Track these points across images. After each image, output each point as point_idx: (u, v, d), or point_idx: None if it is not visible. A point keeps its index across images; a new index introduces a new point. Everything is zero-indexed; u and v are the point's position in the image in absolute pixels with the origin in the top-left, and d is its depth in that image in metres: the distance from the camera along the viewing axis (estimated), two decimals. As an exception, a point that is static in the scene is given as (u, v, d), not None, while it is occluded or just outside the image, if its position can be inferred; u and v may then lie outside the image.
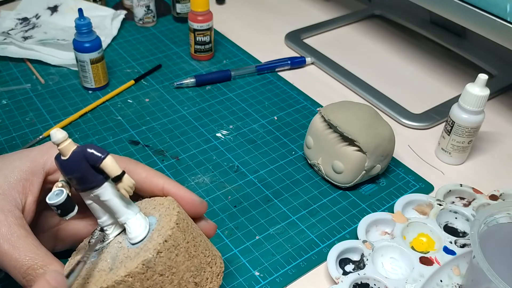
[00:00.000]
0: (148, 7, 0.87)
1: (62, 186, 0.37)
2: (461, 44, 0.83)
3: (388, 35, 0.90)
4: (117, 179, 0.37)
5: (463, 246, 0.50)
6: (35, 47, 0.79)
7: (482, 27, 0.63)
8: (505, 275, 0.39)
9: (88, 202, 0.39)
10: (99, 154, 0.36)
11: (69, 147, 0.36)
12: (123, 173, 0.37)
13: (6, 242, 0.36)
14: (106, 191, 0.38)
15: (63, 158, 0.36)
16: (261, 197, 0.57)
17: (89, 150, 0.36)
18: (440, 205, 0.55)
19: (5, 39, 0.80)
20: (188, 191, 0.43)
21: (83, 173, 0.36)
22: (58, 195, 0.36)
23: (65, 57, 0.78)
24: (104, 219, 0.40)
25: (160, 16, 0.92)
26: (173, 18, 0.92)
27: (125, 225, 0.39)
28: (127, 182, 0.37)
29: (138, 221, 0.38)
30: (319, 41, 0.87)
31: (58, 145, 0.36)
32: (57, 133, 0.36)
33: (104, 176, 0.37)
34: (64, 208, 0.36)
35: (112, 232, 0.40)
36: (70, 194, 0.37)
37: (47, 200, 0.36)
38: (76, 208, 0.37)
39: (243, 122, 0.69)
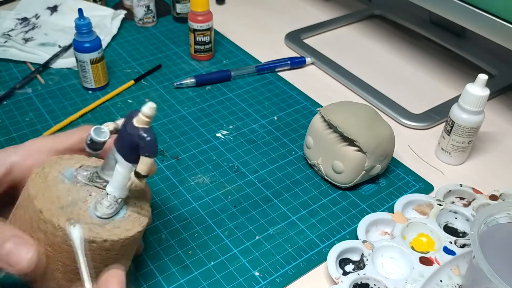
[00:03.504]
0: (148, 7, 0.87)
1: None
2: (461, 44, 0.83)
3: (388, 35, 0.90)
4: (137, 175, 0.39)
5: (463, 246, 0.50)
6: (36, 51, 0.79)
7: (482, 27, 0.63)
8: (505, 275, 0.39)
9: (113, 158, 0.40)
10: (149, 153, 0.39)
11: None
12: (145, 176, 0.39)
13: None
14: (125, 167, 0.40)
15: (140, 126, 0.38)
16: (261, 197, 0.57)
17: (148, 141, 0.38)
18: (440, 205, 0.55)
19: (6, 41, 0.80)
20: None
21: (128, 142, 0.39)
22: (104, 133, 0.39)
23: (66, 61, 0.78)
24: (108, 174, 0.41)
25: (160, 16, 0.92)
26: (173, 18, 0.92)
27: (107, 195, 0.40)
28: (139, 183, 0.39)
29: (114, 206, 0.40)
30: (319, 41, 0.87)
31: (149, 117, 0.38)
32: (153, 110, 0.38)
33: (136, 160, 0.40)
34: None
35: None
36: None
37: (92, 133, 0.39)
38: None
39: (243, 122, 0.69)
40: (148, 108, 0.37)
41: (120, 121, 0.41)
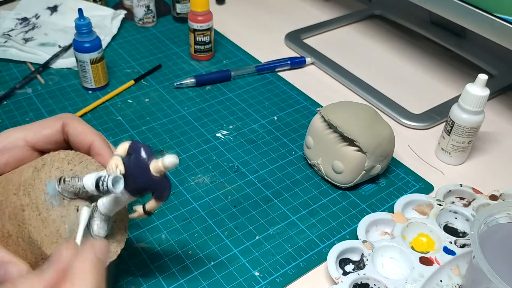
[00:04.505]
0: (148, 7, 0.87)
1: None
2: (461, 44, 0.83)
3: (388, 35, 0.90)
4: (146, 213, 0.41)
5: (463, 246, 0.50)
6: (36, 51, 0.79)
7: (482, 27, 0.63)
8: (505, 275, 0.39)
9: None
10: (165, 199, 0.40)
11: None
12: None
13: None
14: (126, 196, 0.39)
15: (156, 175, 0.38)
16: (261, 197, 0.57)
17: (167, 191, 0.39)
18: (440, 205, 0.55)
19: (6, 41, 0.79)
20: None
21: (143, 187, 0.39)
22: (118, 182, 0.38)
23: (66, 61, 0.78)
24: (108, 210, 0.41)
25: (160, 16, 0.92)
26: (173, 18, 0.92)
27: (100, 215, 0.40)
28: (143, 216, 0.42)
29: (108, 224, 0.41)
30: (319, 41, 0.87)
31: (168, 169, 0.38)
32: (175, 166, 0.37)
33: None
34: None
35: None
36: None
37: (111, 184, 0.37)
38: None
39: (243, 122, 0.69)
40: (171, 163, 0.37)
41: (121, 150, 0.39)
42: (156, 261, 0.50)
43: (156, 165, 0.37)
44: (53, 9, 0.89)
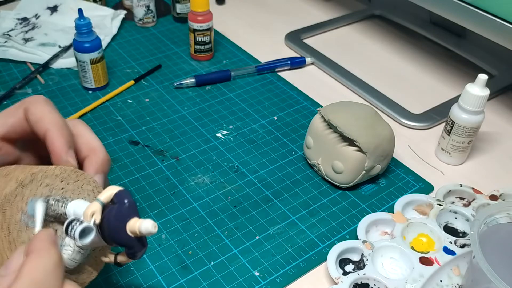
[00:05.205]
0: (148, 7, 0.87)
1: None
2: (461, 44, 0.83)
3: (388, 35, 0.90)
4: (117, 264, 0.39)
5: (463, 246, 0.50)
6: (36, 51, 0.79)
7: (482, 27, 0.63)
8: (505, 275, 0.39)
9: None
10: (135, 258, 0.38)
11: None
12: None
13: None
14: (99, 242, 0.38)
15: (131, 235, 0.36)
16: (261, 197, 0.57)
17: (139, 253, 0.37)
18: (440, 205, 0.55)
19: (6, 41, 0.79)
20: (64, 150, 0.39)
21: (116, 242, 0.37)
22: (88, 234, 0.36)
23: (66, 61, 0.78)
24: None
25: (160, 16, 0.92)
26: (173, 18, 0.92)
27: (72, 247, 0.38)
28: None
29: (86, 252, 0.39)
30: (319, 41, 0.87)
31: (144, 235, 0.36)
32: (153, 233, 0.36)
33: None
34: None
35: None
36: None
37: (77, 234, 0.35)
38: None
39: (243, 122, 0.69)
40: (146, 230, 0.35)
41: (105, 195, 0.37)
42: (156, 261, 0.50)
43: (133, 226, 0.35)
44: (53, 9, 0.89)
